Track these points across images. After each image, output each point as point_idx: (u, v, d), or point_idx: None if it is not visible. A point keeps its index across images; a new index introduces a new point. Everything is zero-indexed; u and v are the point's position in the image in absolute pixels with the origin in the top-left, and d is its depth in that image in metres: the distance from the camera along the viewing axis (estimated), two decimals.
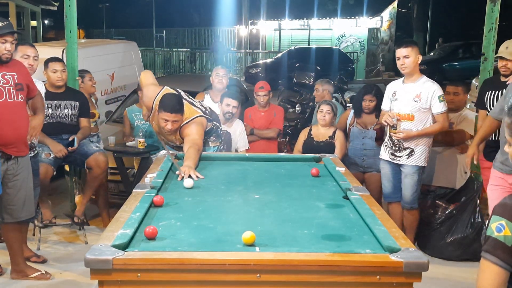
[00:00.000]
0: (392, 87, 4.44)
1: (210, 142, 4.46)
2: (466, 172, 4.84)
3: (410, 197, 4.38)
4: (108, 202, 5.34)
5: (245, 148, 5.14)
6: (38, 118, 3.98)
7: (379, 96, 4.83)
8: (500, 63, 4.24)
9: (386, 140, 4.45)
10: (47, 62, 4.78)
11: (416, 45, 4.30)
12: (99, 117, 5.78)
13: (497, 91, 4.20)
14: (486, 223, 1.79)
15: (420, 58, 4.25)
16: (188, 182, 3.20)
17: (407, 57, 4.18)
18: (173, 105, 4.04)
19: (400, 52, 4.21)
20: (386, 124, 4.34)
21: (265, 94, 5.47)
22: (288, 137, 6.58)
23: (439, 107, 4.21)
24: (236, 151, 5.07)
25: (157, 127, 4.23)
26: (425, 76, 4.33)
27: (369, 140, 4.93)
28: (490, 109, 4.25)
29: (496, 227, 1.67)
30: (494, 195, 3.63)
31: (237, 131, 5.13)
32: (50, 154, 4.59)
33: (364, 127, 4.99)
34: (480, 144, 4.06)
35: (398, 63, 4.26)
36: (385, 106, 4.50)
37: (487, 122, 3.95)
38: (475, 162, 4.00)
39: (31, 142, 4.00)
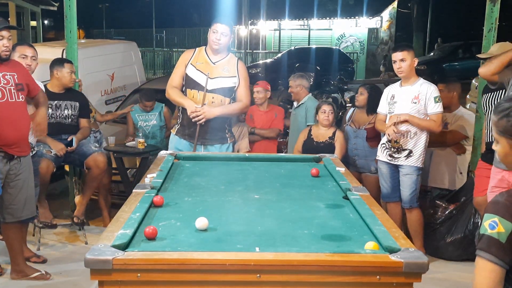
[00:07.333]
0: (390, 91, 4.46)
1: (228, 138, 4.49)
2: (461, 173, 4.85)
3: (409, 196, 4.38)
4: (110, 202, 5.34)
5: (247, 149, 5.21)
6: (41, 112, 3.90)
7: (372, 93, 4.95)
8: None
9: (384, 141, 4.45)
10: (62, 62, 4.80)
11: (411, 48, 4.35)
12: (95, 113, 5.76)
13: (493, 93, 4.20)
14: (479, 223, 1.80)
15: (416, 61, 4.29)
16: (199, 223, 2.48)
17: (404, 60, 4.21)
18: (225, 17, 4.30)
19: (397, 56, 4.24)
20: (389, 137, 4.34)
21: (258, 91, 5.48)
22: (288, 137, 6.59)
23: (434, 108, 4.22)
24: (238, 152, 5.09)
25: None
26: (422, 78, 4.35)
27: (360, 140, 4.98)
28: (486, 111, 4.24)
29: (489, 225, 1.67)
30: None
31: (242, 133, 5.19)
32: (51, 151, 4.60)
33: (357, 126, 5.03)
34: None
35: (395, 66, 4.29)
36: (382, 109, 4.52)
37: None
38: None
39: (31, 142, 4.00)
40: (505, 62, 3.79)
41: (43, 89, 4.40)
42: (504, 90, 3.91)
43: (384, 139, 4.45)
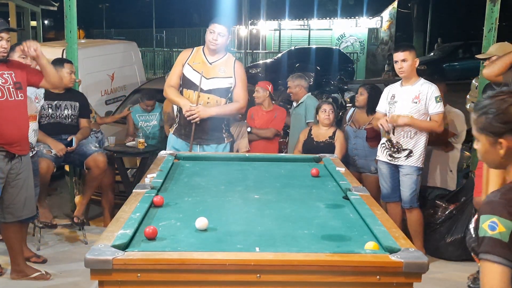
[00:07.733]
0: (390, 90, 4.46)
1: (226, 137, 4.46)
2: (451, 171, 4.86)
3: (409, 196, 4.38)
4: (113, 202, 5.33)
5: (246, 149, 5.20)
6: None
7: (372, 93, 4.98)
8: None
9: (383, 141, 4.45)
10: (62, 62, 4.80)
11: (413, 48, 4.35)
12: (95, 114, 5.77)
13: None
14: (471, 227, 1.74)
15: (417, 61, 4.30)
16: (199, 223, 2.47)
17: (405, 60, 4.22)
18: (223, 17, 4.27)
19: (398, 56, 4.25)
20: (381, 127, 4.35)
21: (257, 90, 5.53)
22: (288, 137, 6.59)
23: (435, 108, 4.23)
24: (237, 151, 5.09)
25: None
26: (422, 78, 4.35)
27: (360, 140, 5.00)
28: None
29: (489, 226, 1.61)
30: None
31: (241, 132, 5.18)
32: (51, 151, 4.61)
33: (357, 126, 5.04)
34: None
35: (396, 66, 4.31)
36: (381, 108, 4.52)
37: None
38: None
39: (31, 142, 4.00)
40: (508, 63, 3.79)
41: (43, 91, 4.40)
42: None
43: (383, 139, 4.45)
